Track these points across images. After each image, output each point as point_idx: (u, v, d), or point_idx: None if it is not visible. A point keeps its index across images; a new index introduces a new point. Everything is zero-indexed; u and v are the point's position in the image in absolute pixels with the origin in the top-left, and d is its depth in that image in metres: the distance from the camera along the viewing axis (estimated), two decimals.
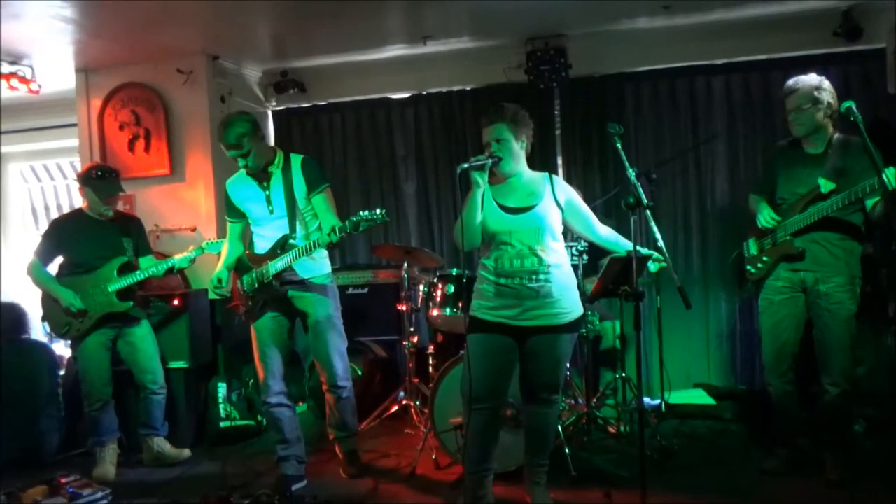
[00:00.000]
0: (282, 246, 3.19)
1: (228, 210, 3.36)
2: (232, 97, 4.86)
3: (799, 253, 3.00)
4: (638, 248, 2.61)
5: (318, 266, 3.30)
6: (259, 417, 4.34)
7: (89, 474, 3.55)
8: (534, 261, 2.64)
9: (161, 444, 3.83)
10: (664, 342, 3.96)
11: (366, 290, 4.63)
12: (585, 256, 3.86)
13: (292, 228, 3.19)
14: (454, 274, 3.71)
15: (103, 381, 3.70)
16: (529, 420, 2.81)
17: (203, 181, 4.76)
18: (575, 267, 3.73)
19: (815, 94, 2.94)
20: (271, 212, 3.22)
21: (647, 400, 4.31)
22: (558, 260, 2.72)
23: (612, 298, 3.86)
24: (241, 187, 3.29)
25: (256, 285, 3.25)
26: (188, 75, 4.64)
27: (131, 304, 3.71)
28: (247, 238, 3.40)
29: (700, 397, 4.31)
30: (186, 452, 3.85)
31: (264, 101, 5.29)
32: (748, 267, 3.22)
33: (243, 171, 3.23)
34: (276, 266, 3.17)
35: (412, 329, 4.14)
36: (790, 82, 3.02)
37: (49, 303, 3.69)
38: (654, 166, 4.25)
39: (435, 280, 3.91)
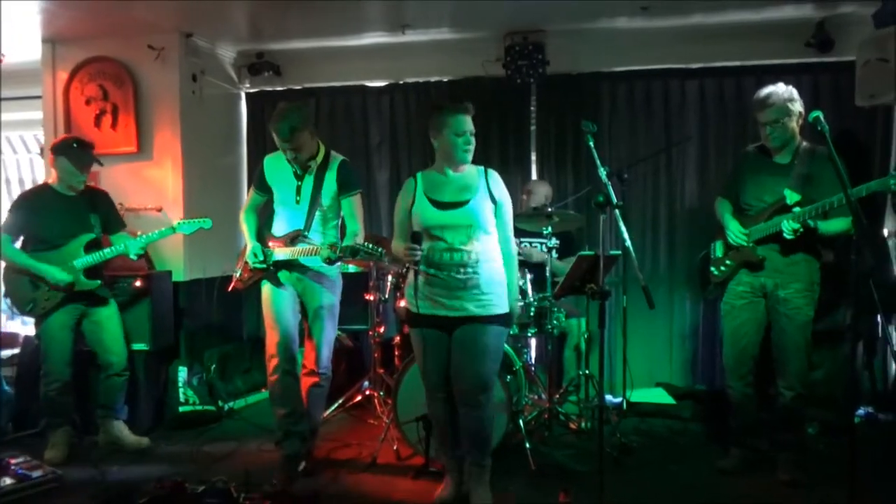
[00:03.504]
0: (292, 239, 3.22)
1: (258, 181, 3.35)
2: (204, 76, 4.77)
3: (759, 261, 3.06)
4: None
5: (327, 269, 3.30)
6: (220, 403, 4.29)
7: (41, 456, 3.48)
8: (464, 255, 2.68)
9: (120, 428, 3.77)
10: (628, 341, 4.00)
11: None
12: (555, 252, 3.89)
13: (308, 225, 3.21)
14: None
15: (65, 362, 3.62)
16: (463, 421, 2.81)
17: (171, 160, 4.66)
18: (542, 262, 3.78)
19: (789, 105, 2.99)
20: (297, 202, 3.25)
21: (609, 397, 4.36)
22: (488, 255, 2.75)
23: (580, 296, 3.88)
24: (279, 167, 3.28)
25: (258, 264, 3.26)
26: (160, 52, 4.53)
27: (99, 282, 3.64)
28: (263, 214, 3.42)
29: (661, 396, 4.37)
30: (145, 441, 3.78)
31: (237, 82, 5.20)
32: (712, 268, 3.27)
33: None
34: (279, 256, 3.22)
35: (379, 319, 4.13)
36: (762, 94, 3.04)
37: (14, 279, 3.59)
38: (626, 166, 4.28)
39: (403, 271, 3.91)
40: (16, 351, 4.44)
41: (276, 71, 5.05)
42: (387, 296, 4.16)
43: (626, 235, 2.80)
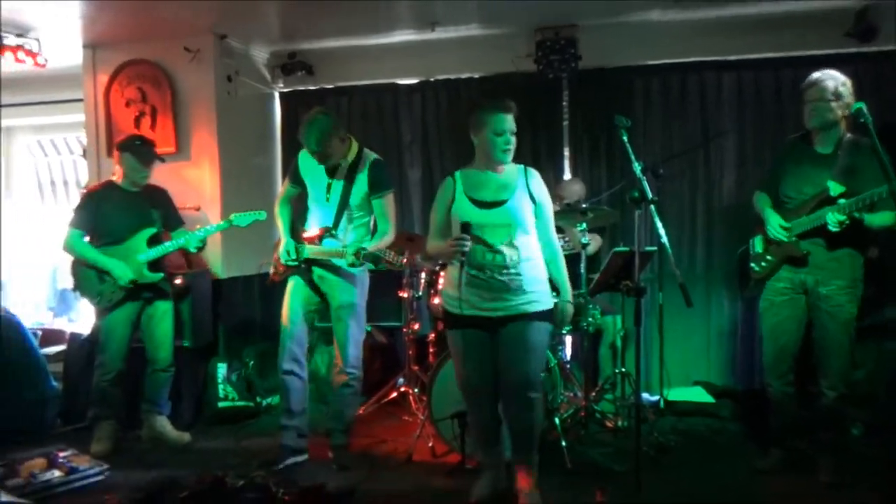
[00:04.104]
0: (320, 237, 3.27)
1: (292, 174, 3.42)
2: (238, 77, 4.84)
3: (803, 256, 2.98)
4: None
5: (355, 269, 3.33)
6: (258, 399, 4.36)
7: (87, 449, 3.58)
8: (504, 257, 2.65)
9: (163, 423, 3.85)
10: (665, 339, 3.95)
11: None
12: (590, 249, 3.86)
13: (336, 223, 3.26)
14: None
15: (121, 354, 3.72)
16: (511, 422, 2.78)
17: (208, 160, 4.75)
18: (574, 257, 3.76)
19: (840, 88, 2.90)
20: (327, 200, 3.29)
21: (645, 396, 4.31)
22: (529, 253, 2.72)
23: (615, 293, 3.84)
24: (312, 163, 3.33)
25: (289, 260, 3.32)
26: (195, 53, 4.61)
27: (162, 275, 3.74)
28: (297, 207, 3.49)
29: (699, 395, 4.31)
30: (187, 437, 3.85)
31: (271, 82, 5.26)
32: (752, 265, 3.20)
33: None
34: (308, 251, 3.28)
35: (413, 316, 4.15)
36: (816, 74, 2.96)
37: (82, 272, 3.71)
38: (661, 161, 4.22)
39: (437, 268, 3.91)
40: (62, 347, 4.59)
41: (309, 70, 5.10)
42: (420, 292, 4.18)
43: (661, 231, 2.77)
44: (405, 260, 3.00)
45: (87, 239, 3.71)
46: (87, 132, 4.98)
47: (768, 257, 3.13)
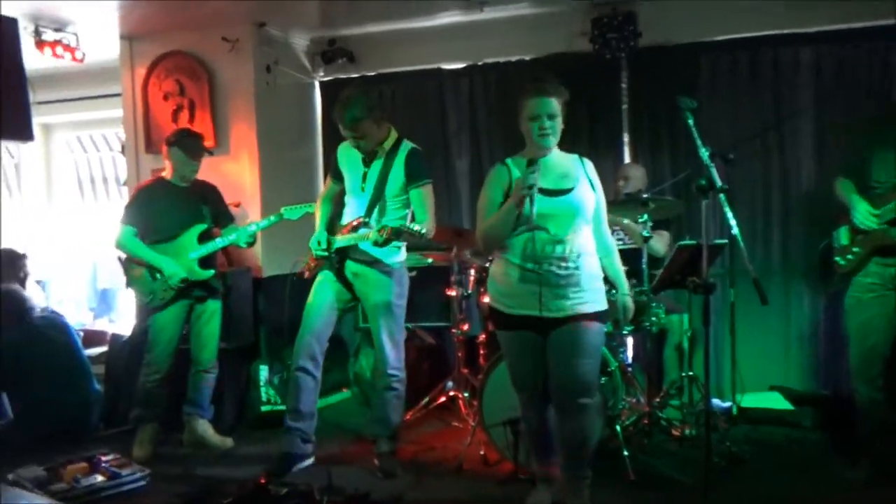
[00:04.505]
0: (354, 227, 3.32)
1: (333, 169, 3.50)
2: (278, 67, 4.91)
3: (894, 244, 2.86)
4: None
5: (389, 258, 3.38)
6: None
7: (129, 453, 3.69)
8: (566, 247, 2.63)
9: (205, 427, 3.95)
10: (737, 339, 3.86)
11: (414, 274, 4.57)
12: (657, 248, 3.79)
13: (369, 213, 3.30)
14: None
15: (168, 354, 3.84)
16: (562, 431, 2.74)
17: (247, 154, 4.83)
18: (635, 252, 3.69)
19: None
20: (363, 189, 3.36)
21: (716, 402, 4.22)
22: (588, 248, 2.71)
23: (680, 290, 3.76)
24: (350, 154, 3.42)
25: (321, 252, 3.40)
26: (234, 44, 4.70)
27: (213, 272, 3.85)
28: (340, 203, 3.56)
29: (776, 401, 4.19)
30: (229, 442, 3.95)
31: (311, 71, 5.33)
32: (837, 258, 3.10)
33: None
34: (339, 242, 3.34)
35: (462, 316, 4.15)
36: None
37: (134, 270, 3.84)
38: (731, 146, 4.11)
39: (487, 264, 3.90)
40: (104, 349, 4.75)
41: (350, 58, 5.14)
42: (470, 290, 4.17)
43: (732, 222, 2.70)
44: (423, 229, 3.03)
45: (138, 236, 3.83)
46: (125, 128, 5.13)
47: (855, 249, 3.02)
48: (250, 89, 4.78)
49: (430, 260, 4.48)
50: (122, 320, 5.80)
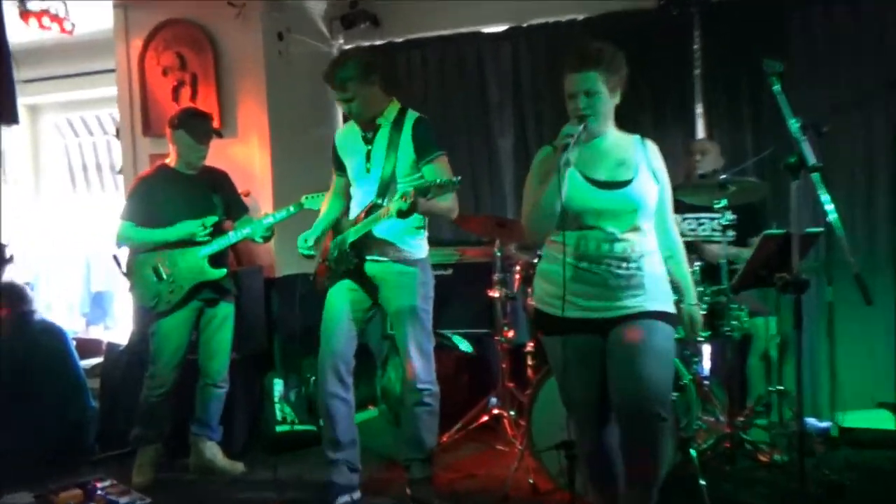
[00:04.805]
0: (367, 212, 3.31)
1: (334, 161, 3.55)
2: (291, 34, 4.93)
3: None
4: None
5: (410, 246, 3.37)
6: (322, 422, 4.45)
7: (128, 478, 3.75)
8: (626, 246, 2.59)
9: (213, 450, 3.99)
10: (837, 347, 3.81)
11: (449, 272, 4.67)
12: (731, 232, 3.71)
13: (381, 193, 3.30)
14: None
15: (175, 363, 3.89)
16: (626, 456, 2.69)
17: (257, 136, 4.88)
18: (694, 245, 3.63)
19: None
20: (368, 170, 3.36)
21: (811, 421, 4.18)
22: (652, 246, 2.67)
23: (767, 288, 3.69)
24: (348, 137, 3.46)
25: (336, 253, 3.41)
26: (241, 8, 4.73)
27: (225, 271, 3.90)
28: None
29: (884, 420, 4.09)
30: (240, 467, 3.99)
31: (330, 37, 5.34)
32: None
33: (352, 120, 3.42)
34: (354, 232, 3.33)
35: (507, 321, 4.13)
36: None
37: (138, 272, 3.91)
38: (825, 116, 4.01)
39: (536, 260, 3.87)
40: (99, 360, 4.84)
41: (374, 21, 5.15)
42: (515, 291, 4.14)
43: (829, 207, 2.63)
44: (457, 178, 2.98)
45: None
46: (119, 108, 5.22)
47: None
48: (260, 61, 4.82)
49: (470, 257, 4.48)
50: (119, 327, 5.91)
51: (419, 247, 3.41)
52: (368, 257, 3.36)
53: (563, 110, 2.66)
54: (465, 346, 4.72)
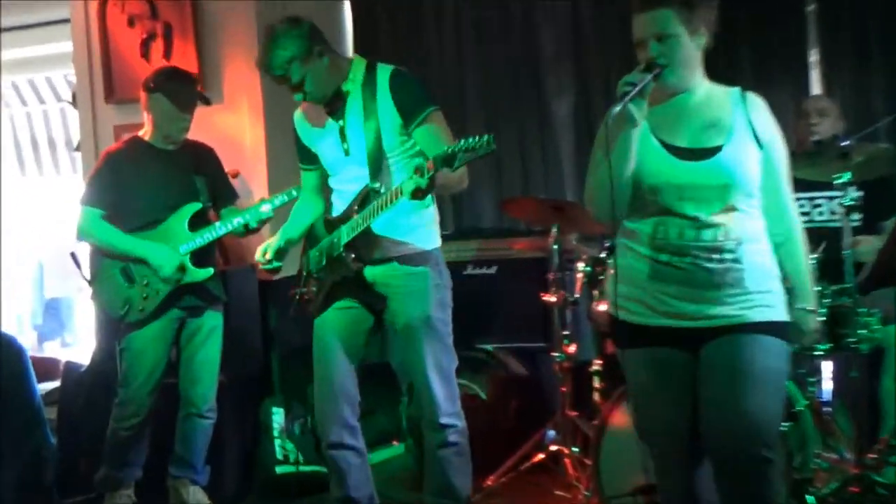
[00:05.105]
0: (360, 202, 3.24)
1: (299, 152, 3.53)
2: None
3: None
4: None
5: (417, 235, 3.31)
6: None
7: None
8: (717, 232, 2.54)
9: (198, 496, 4.02)
10: None
11: (493, 271, 4.65)
12: (856, 215, 3.66)
13: (374, 175, 3.22)
14: None
15: (150, 389, 3.93)
16: (725, 499, 2.64)
17: (247, 101, 4.90)
18: (832, 231, 3.56)
19: None
20: (346, 152, 3.30)
21: None
22: (754, 231, 2.61)
23: None
24: (310, 117, 3.42)
25: (324, 262, 3.35)
26: None
27: (211, 271, 3.94)
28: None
29: None
30: None
31: None
32: None
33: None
34: (348, 231, 3.24)
35: (567, 332, 4.11)
36: None
37: (102, 272, 3.94)
38: None
39: (603, 254, 3.84)
40: (55, 384, 4.89)
41: None
42: (577, 294, 4.11)
43: None
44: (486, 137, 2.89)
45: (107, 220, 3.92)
46: (76, 68, 5.27)
47: None
48: (249, 8, 4.83)
49: (519, 250, 4.47)
50: (80, 343, 5.97)
51: (429, 235, 3.35)
52: (371, 267, 3.31)
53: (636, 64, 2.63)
54: (513, 364, 4.72)
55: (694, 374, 2.63)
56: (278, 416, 4.42)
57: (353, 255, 3.27)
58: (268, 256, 3.44)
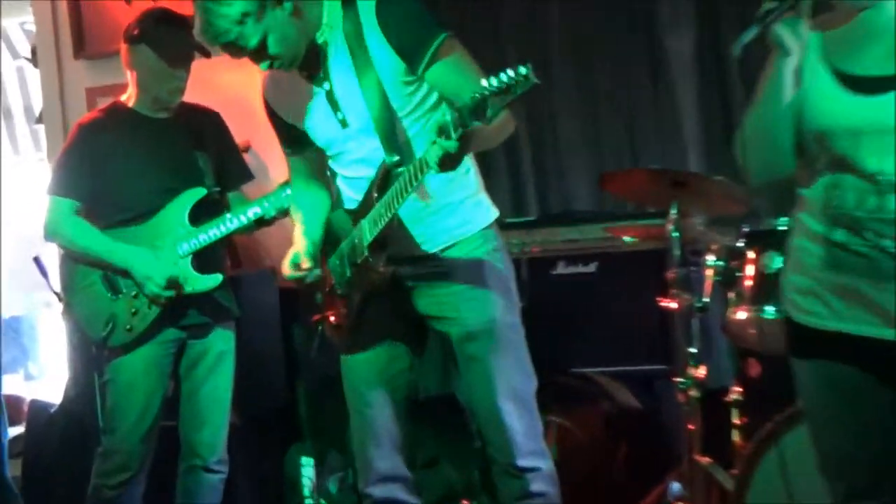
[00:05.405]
0: (380, 185, 3.18)
1: (278, 131, 3.51)
2: None
3: None
4: None
5: (461, 213, 3.28)
6: None
7: None
8: None
9: None
10: None
11: (592, 269, 4.65)
12: None
13: (390, 147, 3.17)
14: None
15: (142, 432, 3.95)
16: None
17: None
18: None
19: None
20: (343, 123, 3.25)
21: None
22: None
23: None
24: (285, 85, 3.38)
25: (349, 273, 3.31)
26: None
27: (220, 278, 3.94)
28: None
29: None
30: None
31: None
32: None
33: None
34: (370, 226, 3.19)
35: (694, 350, 4.04)
36: None
37: (76, 282, 3.98)
38: None
39: (742, 243, 3.80)
40: (20, 430, 4.95)
41: None
42: (706, 298, 4.05)
43: None
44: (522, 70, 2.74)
45: (82, 214, 3.95)
46: (35, 17, 5.35)
47: None
48: None
49: (628, 238, 4.46)
50: (48, 375, 6.03)
51: (476, 208, 3.31)
52: (409, 270, 3.28)
53: None
54: (622, 394, 4.68)
55: (884, 401, 2.62)
56: (308, 469, 4.42)
57: (382, 258, 3.22)
58: (306, 265, 3.31)
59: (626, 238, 4.45)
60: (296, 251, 3.36)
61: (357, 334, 3.38)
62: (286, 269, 3.39)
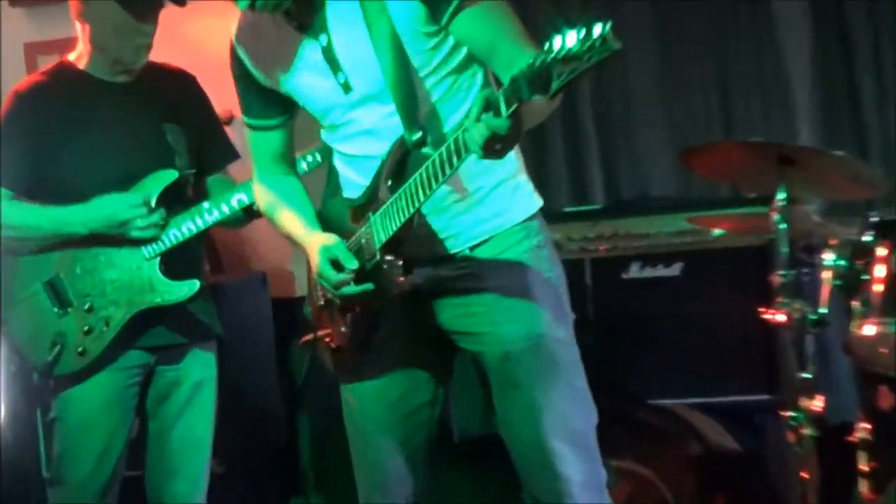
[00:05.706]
0: (394, 170, 3.18)
1: (246, 99, 3.48)
2: None
3: None
4: None
5: (497, 202, 3.26)
6: None
7: None
8: None
9: None
10: None
11: (676, 272, 4.74)
12: None
13: (410, 116, 3.13)
14: None
15: (100, 484, 4.00)
16: None
17: None
18: None
19: None
20: (346, 87, 3.22)
21: None
22: None
23: None
24: (266, 37, 3.34)
25: (327, 285, 3.26)
26: None
27: (198, 284, 3.96)
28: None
29: None
30: None
31: None
32: None
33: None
34: (383, 223, 3.16)
35: (808, 375, 4.08)
36: None
37: (16, 290, 4.06)
38: None
39: (869, 237, 3.86)
40: None
41: None
42: (823, 309, 4.09)
43: None
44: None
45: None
46: None
47: None
48: None
49: (708, 236, 4.54)
50: None
51: (516, 192, 3.28)
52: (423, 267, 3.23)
53: None
54: (715, 432, 4.73)
55: None
56: None
57: (398, 264, 3.18)
58: (351, 264, 3.14)
59: (717, 231, 4.47)
60: (324, 243, 3.21)
61: (362, 359, 3.35)
62: (317, 270, 3.23)
